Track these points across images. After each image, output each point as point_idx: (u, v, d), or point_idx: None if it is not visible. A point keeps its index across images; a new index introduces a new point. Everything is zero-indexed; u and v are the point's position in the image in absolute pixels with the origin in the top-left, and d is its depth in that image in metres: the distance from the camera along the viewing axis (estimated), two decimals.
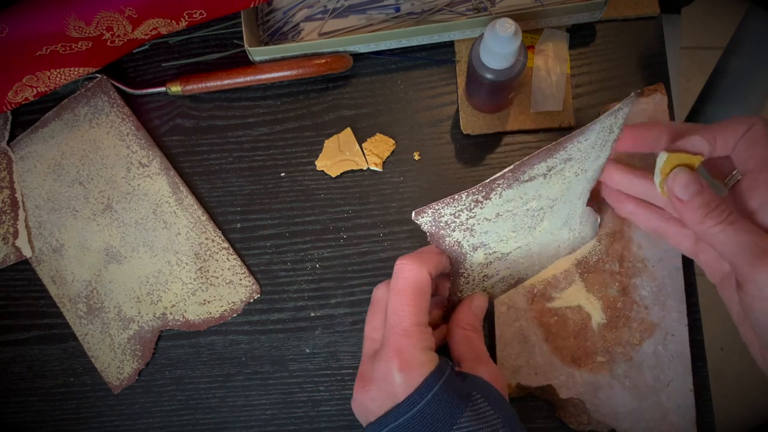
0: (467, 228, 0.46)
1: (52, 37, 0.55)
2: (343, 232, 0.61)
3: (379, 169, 0.61)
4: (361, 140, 0.62)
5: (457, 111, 0.62)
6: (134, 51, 0.65)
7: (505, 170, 0.43)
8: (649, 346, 0.55)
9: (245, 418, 0.60)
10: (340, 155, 0.62)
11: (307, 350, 0.60)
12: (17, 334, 0.62)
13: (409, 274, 0.45)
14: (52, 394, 0.61)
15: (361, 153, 0.62)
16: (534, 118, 0.61)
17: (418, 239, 0.60)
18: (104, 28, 0.56)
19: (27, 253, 0.62)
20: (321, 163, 0.62)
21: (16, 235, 0.62)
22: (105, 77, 0.63)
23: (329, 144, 0.62)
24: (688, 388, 0.55)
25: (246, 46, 0.59)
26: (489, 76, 0.54)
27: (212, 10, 0.58)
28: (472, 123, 0.61)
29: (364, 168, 0.62)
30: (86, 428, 0.61)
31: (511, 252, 0.52)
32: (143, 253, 0.61)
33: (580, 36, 0.63)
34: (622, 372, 0.55)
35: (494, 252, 0.51)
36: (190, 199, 0.62)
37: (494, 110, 0.61)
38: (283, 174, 0.62)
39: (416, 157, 0.62)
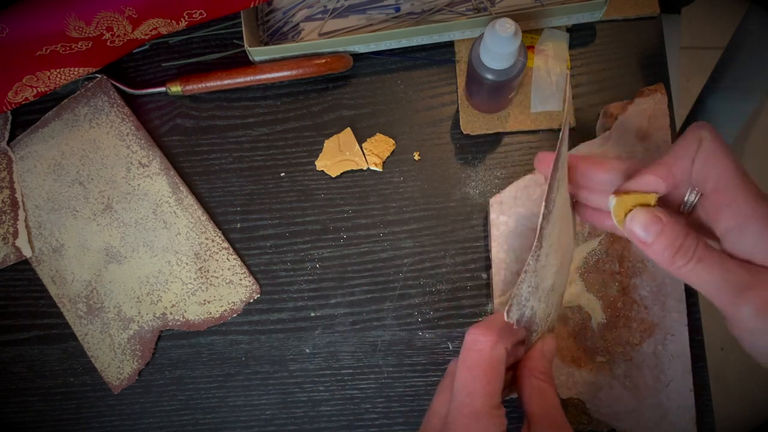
0: (535, 286, 0.43)
1: (52, 37, 0.55)
2: (343, 232, 0.61)
3: (379, 169, 0.61)
4: (361, 140, 0.62)
5: (457, 111, 0.62)
6: (134, 51, 0.65)
7: (542, 211, 0.39)
8: (649, 346, 0.55)
9: (245, 418, 0.60)
10: (340, 155, 0.62)
11: (307, 350, 0.60)
12: (17, 334, 0.62)
13: (484, 347, 0.40)
14: (52, 394, 0.61)
15: (361, 153, 0.62)
16: (534, 118, 0.61)
17: (419, 239, 0.60)
18: (104, 28, 0.56)
19: (27, 253, 0.62)
20: (321, 163, 0.62)
21: (16, 235, 0.62)
22: (105, 77, 0.63)
23: (329, 144, 0.62)
24: (688, 388, 0.55)
25: (246, 46, 0.59)
26: (489, 76, 0.54)
27: (212, 10, 0.58)
28: (472, 123, 0.61)
29: (364, 168, 0.62)
30: (86, 428, 0.61)
31: (554, 280, 0.47)
32: (143, 253, 0.61)
33: (580, 36, 0.63)
34: (622, 372, 0.55)
35: (546, 290, 0.46)
36: (190, 199, 0.62)
37: (494, 110, 0.61)
38: (283, 174, 0.62)
39: (416, 157, 0.62)
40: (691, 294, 0.56)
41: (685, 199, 0.41)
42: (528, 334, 0.45)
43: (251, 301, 0.60)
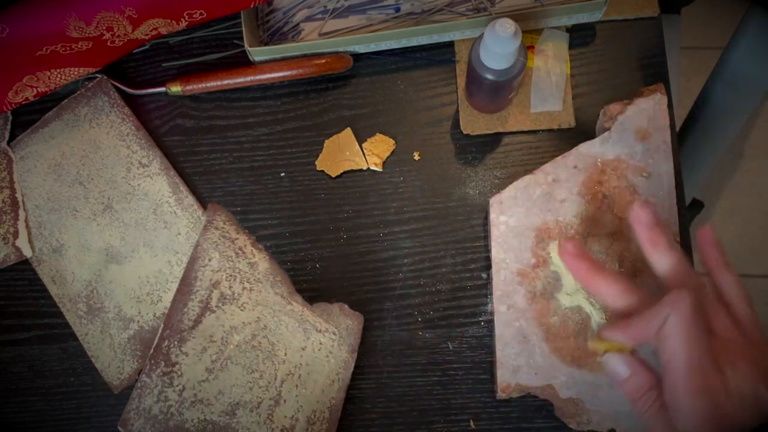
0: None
1: (52, 38, 0.55)
2: (343, 232, 0.61)
3: (379, 169, 0.61)
4: (361, 140, 0.62)
5: (457, 111, 0.62)
6: (134, 51, 0.65)
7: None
8: (648, 346, 0.55)
9: None
10: (340, 155, 0.62)
11: None
12: (17, 334, 0.62)
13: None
14: (53, 394, 0.61)
15: (361, 153, 0.62)
16: (534, 119, 0.61)
17: (418, 239, 0.60)
18: (104, 28, 0.56)
19: (27, 253, 0.62)
20: (321, 163, 0.62)
21: (16, 235, 0.62)
22: (105, 77, 0.63)
23: (329, 144, 0.62)
24: None
25: (246, 46, 0.59)
26: (489, 76, 0.54)
27: (212, 11, 0.58)
28: (472, 123, 0.61)
29: (364, 168, 0.62)
30: (86, 428, 0.61)
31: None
32: (143, 253, 0.61)
33: (580, 36, 0.63)
34: None
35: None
36: (190, 199, 0.62)
37: (494, 110, 0.61)
38: (283, 174, 0.62)
39: (416, 157, 0.62)
40: None
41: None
42: None
43: None
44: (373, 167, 0.61)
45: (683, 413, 0.41)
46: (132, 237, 0.62)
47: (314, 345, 0.55)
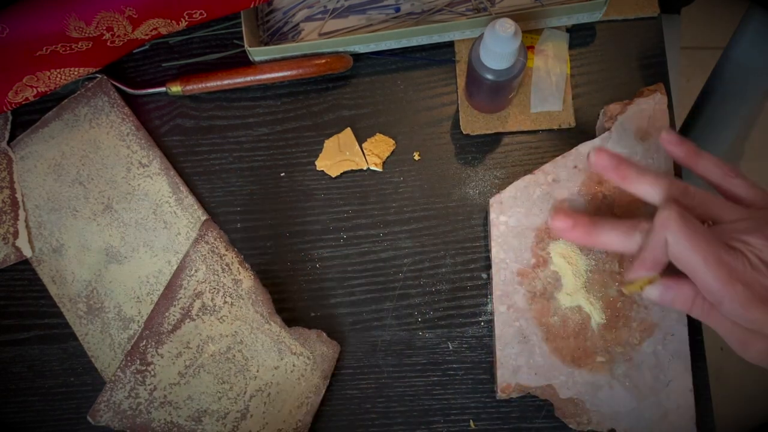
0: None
1: (52, 37, 0.55)
2: (343, 232, 0.61)
3: (379, 169, 0.61)
4: (361, 140, 0.62)
5: (457, 111, 0.62)
6: (134, 51, 0.65)
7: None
8: (648, 346, 0.55)
9: None
10: (340, 155, 0.62)
11: None
12: (17, 334, 0.62)
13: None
14: (53, 394, 0.61)
15: (361, 153, 0.62)
16: (534, 119, 0.61)
17: (418, 239, 0.60)
18: (104, 28, 0.56)
19: (27, 253, 0.62)
20: (321, 163, 0.62)
21: (16, 235, 0.62)
22: (105, 77, 0.63)
23: (329, 144, 0.62)
24: (687, 387, 0.55)
25: (246, 46, 0.59)
26: (489, 76, 0.54)
27: (212, 11, 0.58)
28: (472, 123, 0.61)
29: (364, 168, 0.62)
30: (86, 428, 0.60)
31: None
32: (143, 253, 0.61)
33: (580, 36, 0.63)
34: (621, 372, 0.55)
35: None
36: (190, 199, 0.62)
37: (494, 110, 0.61)
38: (283, 174, 0.62)
39: (416, 157, 0.62)
40: None
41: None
42: None
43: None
44: (373, 167, 0.61)
45: (727, 305, 0.43)
46: (132, 237, 0.62)
47: (287, 366, 0.56)
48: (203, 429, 0.54)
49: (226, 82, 0.62)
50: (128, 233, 0.62)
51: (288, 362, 0.56)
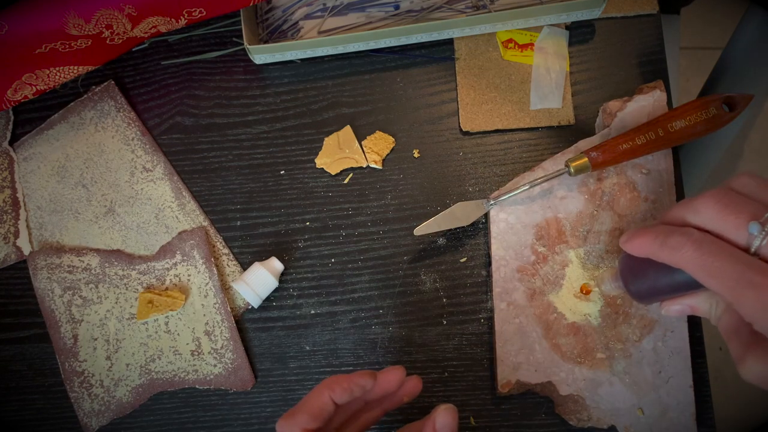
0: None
1: (51, 35, 0.55)
2: (343, 230, 0.61)
3: (378, 166, 0.61)
4: (360, 138, 0.62)
5: (457, 108, 0.62)
6: (134, 49, 0.65)
7: None
8: (648, 342, 0.55)
9: (245, 415, 0.60)
10: (340, 153, 0.62)
11: (307, 347, 0.60)
12: (17, 332, 0.62)
13: None
14: (52, 392, 0.61)
15: (360, 151, 0.62)
16: (533, 116, 0.61)
17: (418, 238, 0.60)
18: (104, 26, 0.56)
19: (28, 252, 0.62)
20: (321, 161, 0.62)
21: (17, 234, 0.62)
22: (112, 82, 0.64)
23: (329, 142, 0.62)
24: (687, 384, 0.55)
25: (245, 44, 0.59)
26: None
27: (212, 9, 0.58)
28: (472, 120, 0.61)
29: (364, 165, 0.62)
30: None
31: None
32: None
33: (579, 33, 0.63)
34: (621, 368, 0.55)
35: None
36: (192, 205, 0.62)
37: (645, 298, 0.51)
38: (282, 172, 0.62)
39: (416, 155, 0.62)
40: None
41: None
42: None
43: (251, 305, 0.60)
44: (372, 165, 0.62)
45: (761, 324, 0.40)
46: (133, 240, 0.62)
47: (172, 280, 0.60)
48: (157, 371, 0.60)
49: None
50: (129, 236, 0.62)
51: (171, 276, 0.61)
